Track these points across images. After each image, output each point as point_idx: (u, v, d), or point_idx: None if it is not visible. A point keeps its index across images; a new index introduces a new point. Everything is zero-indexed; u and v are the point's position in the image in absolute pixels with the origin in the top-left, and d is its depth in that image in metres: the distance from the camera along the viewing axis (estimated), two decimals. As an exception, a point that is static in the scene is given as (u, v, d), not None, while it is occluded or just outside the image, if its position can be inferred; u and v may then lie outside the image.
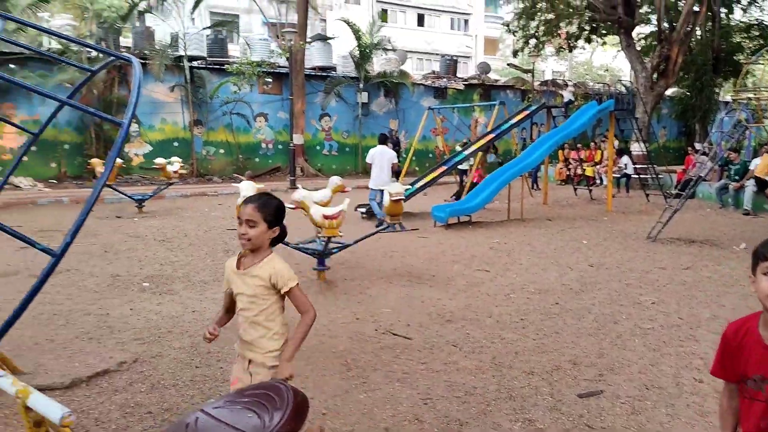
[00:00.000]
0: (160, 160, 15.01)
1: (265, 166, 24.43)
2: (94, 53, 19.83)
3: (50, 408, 1.77)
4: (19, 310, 2.83)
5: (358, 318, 6.27)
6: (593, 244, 10.69)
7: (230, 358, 5.06)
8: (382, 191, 12.45)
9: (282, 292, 2.94)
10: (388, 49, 27.16)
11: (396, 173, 19.62)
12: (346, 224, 8.34)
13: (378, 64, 27.22)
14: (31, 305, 6.41)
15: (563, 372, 4.84)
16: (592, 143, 21.90)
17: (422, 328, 5.95)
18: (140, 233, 11.50)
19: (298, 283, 2.96)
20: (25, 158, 18.26)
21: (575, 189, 18.83)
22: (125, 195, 14.49)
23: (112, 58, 3.89)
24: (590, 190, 18.10)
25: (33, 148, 19.52)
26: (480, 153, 15.26)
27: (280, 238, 3.04)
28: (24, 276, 7.92)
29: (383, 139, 13.17)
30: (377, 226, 10.55)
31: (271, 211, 2.94)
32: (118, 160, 15.29)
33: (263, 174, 23.65)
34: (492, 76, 32.81)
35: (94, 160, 15.02)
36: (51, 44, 21.16)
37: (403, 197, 7.85)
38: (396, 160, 12.73)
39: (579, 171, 19.35)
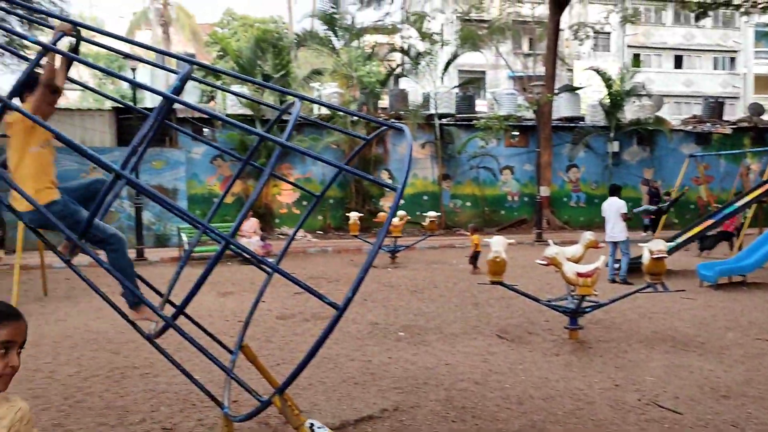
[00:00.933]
0: (432, 214, 15.74)
1: (510, 219, 24.44)
2: (356, 117, 21.81)
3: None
4: (309, 357, 3.15)
5: (617, 384, 5.86)
6: None
7: (485, 414, 5.06)
8: (615, 244, 11.84)
9: None
10: (642, 95, 25.77)
11: (652, 226, 18.39)
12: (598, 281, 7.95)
13: (630, 111, 25.91)
14: (305, 347, 7.08)
15: None
16: None
17: (693, 403, 5.36)
18: (394, 283, 12.15)
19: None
20: (296, 211, 20.42)
21: None
22: (381, 247, 15.44)
23: (385, 127, 4.22)
24: None
25: (304, 203, 22.10)
26: (755, 205, 13.58)
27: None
28: (298, 319, 8.80)
29: (614, 190, 12.43)
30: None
31: None
32: (383, 215, 16.40)
33: (508, 226, 23.68)
34: (766, 117, 29.25)
35: (381, 215, 16.33)
36: (320, 110, 23.76)
37: (665, 254, 7.23)
38: (625, 210, 11.90)
39: None
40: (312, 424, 2.10)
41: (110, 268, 3.72)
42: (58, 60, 3.91)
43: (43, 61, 3.75)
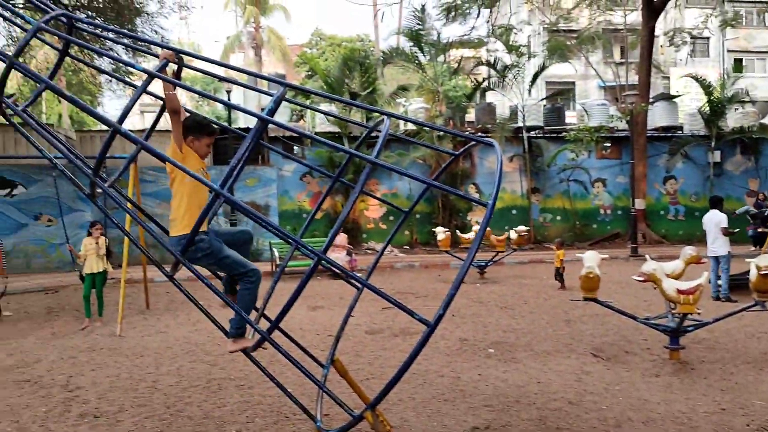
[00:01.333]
0: (521, 228, 15.40)
1: (603, 233, 23.66)
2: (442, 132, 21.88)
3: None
4: (400, 373, 3.17)
5: (723, 408, 5.52)
6: None
7: (579, 437, 4.89)
8: (716, 259, 11.32)
9: None
10: (745, 102, 24.40)
11: (760, 240, 17.29)
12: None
13: (733, 119, 24.58)
14: (395, 362, 7.10)
15: None
16: None
17: (810, 431, 4.97)
18: (482, 298, 12.00)
19: None
20: (383, 226, 20.58)
21: None
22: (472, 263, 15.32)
23: (473, 142, 4.20)
24: None
25: (390, 218, 22.25)
26: None
27: None
28: (387, 334, 8.83)
29: (715, 202, 11.78)
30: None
31: None
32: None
33: (601, 241, 22.93)
34: None
35: (465, 237, 16.09)
36: (407, 126, 23.92)
37: (774, 271, 6.76)
38: (725, 224, 11.22)
39: None
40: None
41: (220, 293, 3.89)
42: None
43: (158, 91, 4.00)
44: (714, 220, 11.35)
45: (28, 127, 4.51)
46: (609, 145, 23.85)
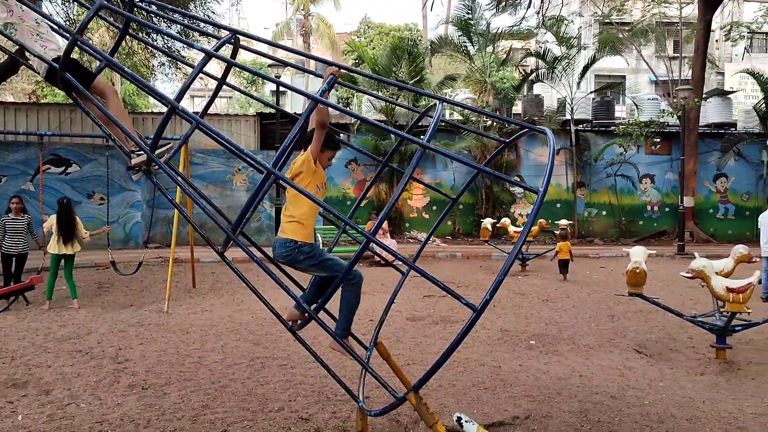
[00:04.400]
0: (563, 222, 15.18)
1: (649, 230, 23.19)
2: (489, 122, 21.74)
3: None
4: (443, 359, 3.19)
5: (772, 411, 5.40)
6: None
7: (622, 430, 4.86)
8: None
9: None
10: (804, 99, 23.52)
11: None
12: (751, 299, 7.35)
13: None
14: (435, 349, 7.13)
15: None
16: None
17: None
18: (524, 291, 11.93)
19: None
20: (426, 216, 20.54)
21: None
22: (506, 253, 15.27)
23: (526, 129, 4.18)
24: None
25: (434, 208, 22.22)
26: None
27: None
28: (428, 322, 8.87)
29: None
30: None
31: None
32: (506, 220, 16.24)
33: (647, 237, 22.49)
34: None
35: (505, 220, 16.23)
36: (453, 115, 23.82)
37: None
38: None
39: None
40: (459, 417, 2.11)
41: (273, 275, 3.90)
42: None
43: (213, 72, 4.06)
44: None
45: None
46: (659, 140, 23.32)
